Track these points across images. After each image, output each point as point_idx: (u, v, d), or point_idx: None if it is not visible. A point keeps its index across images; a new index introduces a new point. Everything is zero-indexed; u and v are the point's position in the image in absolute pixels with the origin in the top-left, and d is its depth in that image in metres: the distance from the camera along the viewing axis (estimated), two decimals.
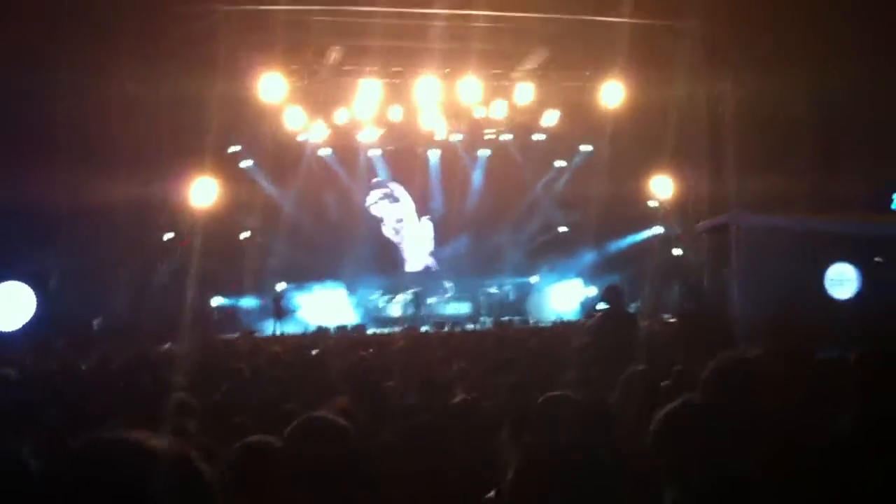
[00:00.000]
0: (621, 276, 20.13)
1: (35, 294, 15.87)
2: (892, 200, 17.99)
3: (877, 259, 12.98)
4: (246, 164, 23.82)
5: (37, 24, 15.67)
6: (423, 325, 21.62)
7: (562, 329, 14.62)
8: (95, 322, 17.80)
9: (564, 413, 3.74)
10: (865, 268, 12.32)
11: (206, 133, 19.53)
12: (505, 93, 23.33)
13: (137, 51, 18.31)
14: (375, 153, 26.14)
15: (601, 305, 9.27)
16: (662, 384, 5.05)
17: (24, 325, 15.57)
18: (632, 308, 16.38)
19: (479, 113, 24.14)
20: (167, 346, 13.80)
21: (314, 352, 9.81)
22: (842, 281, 12.53)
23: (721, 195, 19.90)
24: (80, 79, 16.47)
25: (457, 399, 4.66)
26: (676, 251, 23.17)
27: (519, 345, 10.22)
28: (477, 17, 18.87)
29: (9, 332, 15.47)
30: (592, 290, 22.83)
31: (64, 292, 17.09)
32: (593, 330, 8.45)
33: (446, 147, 26.24)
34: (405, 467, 4.06)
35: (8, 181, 15.00)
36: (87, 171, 16.54)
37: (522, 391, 5.55)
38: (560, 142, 25.96)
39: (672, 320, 16.39)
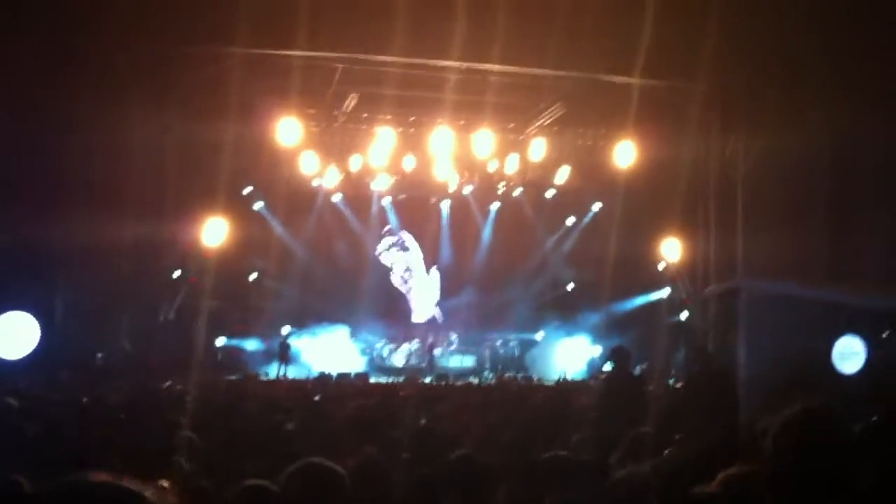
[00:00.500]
0: (628, 336, 20.04)
1: (39, 324, 15.87)
2: None
3: (885, 333, 12.89)
4: (258, 206, 23.93)
5: (48, 65, 15.90)
6: (427, 376, 21.53)
7: (566, 388, 14.52)
8: (99, 356, 17.76)
9: (567, 473, 3.70)
10: (874, 341, 12.23)
11: (219, 174, 19.67)
12: (518, 147, 23.50)
13: (151, 92, 18.53)
14: (387, 201, 26.24)
15: (607, 366, 9.21)
16: (667, 451, 5.00)
17: (27, 355, 15.55)
18: (637, 370, 16.28)
19: (492, 166, 24.26)
20: (169, 383, 13.76)
21: (316, 398, 9.76)
22: (850, 354, 12.43)
23: (730, 259, 19.86)
24: (92, 120, 16.66)
25: (457, 454, 4.61)
26: (684, 314, 23.08)
27: (522, 402, 10.15)
28: (493, 72, 19.05)
29: (12, 361, 15.45)
30: (598, 350, 22.72)
31: (68, 325, 17.10)
32: (599, 391, 8.40)
33: (458, 198, 26.32)
34: None
35: (17, 218, 15.13)
36: (96, 209, 16.64)
37: (523, 450, 5.51)
38: (571, 198, 26.03)
39: (678, 385, 16.27)
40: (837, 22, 15.57)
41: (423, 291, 27.28)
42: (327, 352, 23.01)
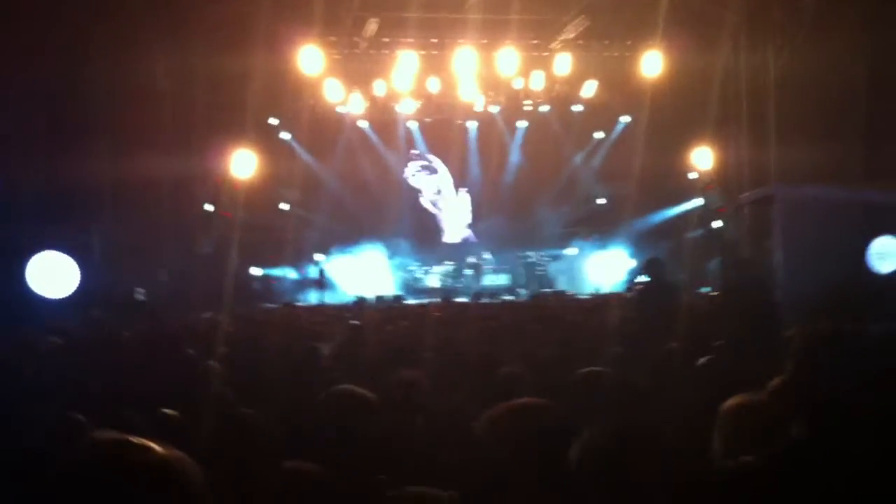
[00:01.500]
0: (661, 248, 19.91)
1: (79, 265, 16.10)
2: None
3: None
4: (285, 136, 23.91)
5: (71, 6, 15.80)
6: (461, 296, 21.65)
7: (602, 301, 14.52)
8: (137, 291, 18.01)
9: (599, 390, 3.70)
10: None
11: (245, 106, 19.66)
12: (543, 63, 23.17)
13: (173, 27, 18.42)
14: (413, 125, 26.11)
15: (642, 278, 9.17)
16: (700, 361, 4.99)
17: (69, 295, 15.82)
18: (672, 280, 16.23)
19: (517, 84, 23.99)
20: (208, 315, 13.93)
21: (353, 322, 9.83)
22: (886, 254, 12.27)
23: (763, 166, 19.55)
24: (118, 58, 16.64)
25: (505, 371, 4.64)
26: (717, 223, 22.88)
27: (558, 319, 10.16)
28: None
29: (54, 300, 15.73)
30: (632, 262, 22.63)
31: (107, 264, 17.31)
32: (635, 303, 8.39)
33: (484, 118, 26.13)
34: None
35: (50, 160, 15.24)
36: (128, 147, 16.77)
37: (562, 366, 5.52)
38: (599, 113, 25.73)
39: (713, 293, 16.20)
40: None
41: (453, 213, 27.31)
42: (363, 276, 23.15)
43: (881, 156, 16.92)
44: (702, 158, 22.88)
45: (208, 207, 21.59)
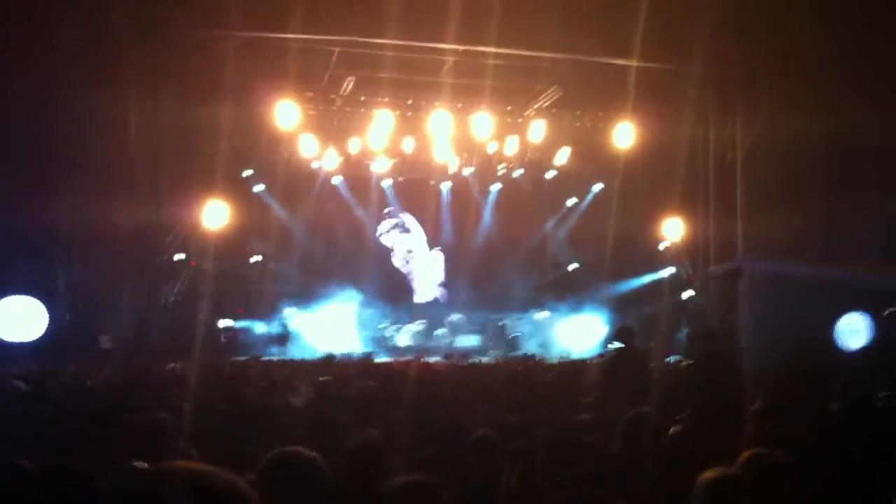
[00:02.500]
0: (630, 316, 20.03)
1: (46, 309, 15.94)
2: None
3: (889, 310, 12.89)
4: (258, 188, 23.91)
5: (45, 50, 15.84)
6: (432, 355, 21.53)
7: (570, 367, 14.53)
8: (102, 338, 17.79)
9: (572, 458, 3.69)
10: (877, 318, 12.23)
11: (218, 157, 19.64)
12: (518, 129, 23.45)
13: (148, 76, 18.46)
14: (387, 183, 26.18)
15: (613, 344, 9.21)
16: (672, 430, 5.00)
17: (34, 340, 15.63)
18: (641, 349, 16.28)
19: (491, 148, 24.22)
20: (172, 365, 13.76)
21: (322, 378, 9.76)
22: (853, 331, 12.44)
23: (732, 238, 19.86)
24: (90, 104, 16.62)
25: (476, 435, 4.62)
26: (686, 294, 23.09)
27: (528, 381, 10.15)
28: (489, 54, 18.99)
29: (17, 344, 15.51)
30: (601, 329, 22.70)
31: (71, 308, 17.12)
32: (605, 369, 8.41)
33: (458, 180, 26.28)
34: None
35: (17, 201, 15.14)
36: (95, 193, 16.71)
37: (529, 429, 5.51)
38: (572, 179, 26.02)
39: (682, 363, 16.28)
40: (834, 10, 15.56)
41: (425, 272, 27.30)
42: (331, 332, 22.99)
43: (841, 235, 17.30)
44: (672, 229, 23.17)
45: (177, 256, 21.42)
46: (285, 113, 20.86)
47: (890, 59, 15.84)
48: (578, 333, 23.41)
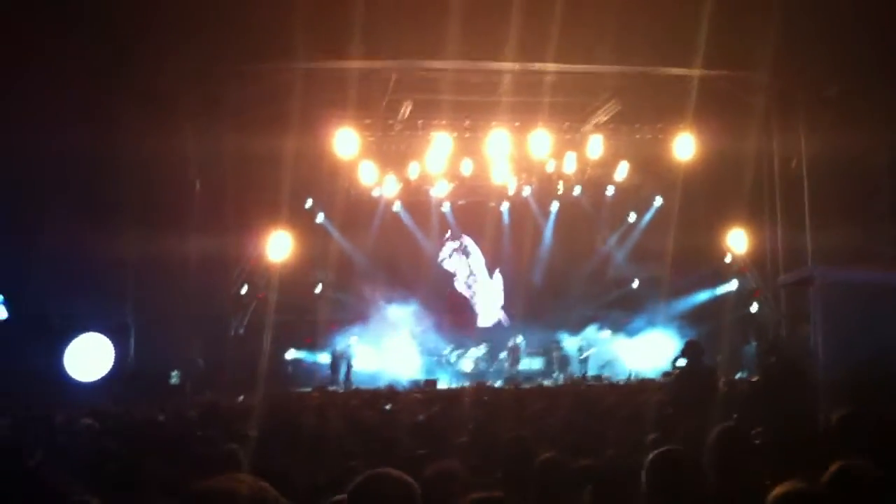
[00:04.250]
0: (697, 331, 19.69)
1: (114, 346, 16.23)
2: None
3: None
4: (320, 218, 24.15)
5: (109, 86, 16.23)
6: (495, 379, 21.44)
7: (637, 387, 14.32)
8: (173, 374, 18.07)
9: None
10: None
11: (280, 188, 19.91)
12: (575, 146, 23.28)
13: (208, 107, 18.81)
14: (447, 207, 26.24)
15: (681, 362, 9.03)
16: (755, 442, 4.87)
17: (104, 376, 15.91)
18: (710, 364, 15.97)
19: (550, 166, 24.10)
20: (242, 398, 13.91)
21: (387, 407, 9.75)
22: None
23: (799, 248, 19.41)
24: (151, 137, 16.94)
25: (542, 458, 4.54)
26: (753, 307, 22.64)
27: (594, 402, 10.01)
28: (546, 71, 18.94)
29: (90, 383, 15.81)
30: (667, 346, 22.36)
31: (141, 344, 17.42)
32: (673, 387, 8.25)
33: (517, 201, 26.21)
34: None
35: (85, 239, 15.46)
36: (161, 228, 17.02)
37: (598, 451, 5.42)
38: (632, 195, 25.80)
39: (751, 378, 15.93)
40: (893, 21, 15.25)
41: (487, 295, 27.25)
42: (396, 359, 23.06)
43: None
44: (736, 241, 22.76)
45: (244, 289, 21.71)
46: (345, 141, 21.03)
47: None
48: (644, 352, 23.07)
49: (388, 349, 23.36)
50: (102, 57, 15.83)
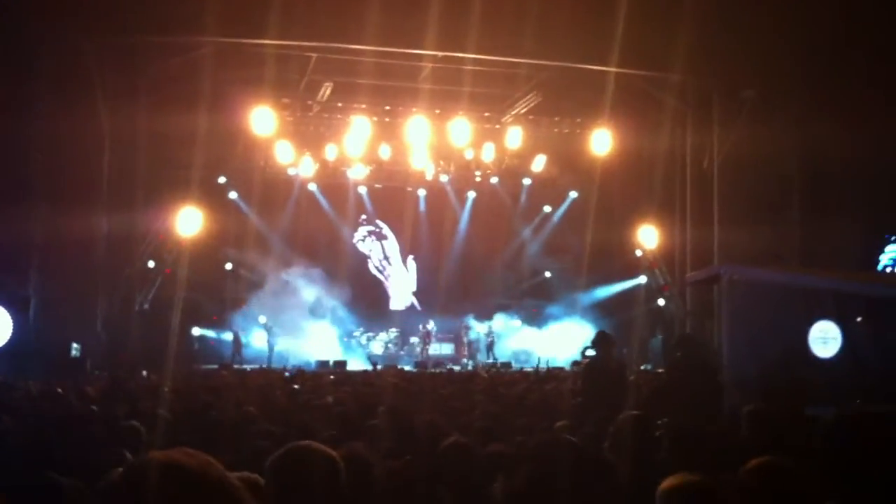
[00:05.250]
0: (607, 323, 20.07)
1: (14, 317, 15.70)
2: (882, 253, 18.14)
3: (859, 318, 12.96)
4: (233, 195, 23.75)
5: (10, 54, 15.66)
6: (405, 363, 21.49)
7: (546, 375, 14.51)
8: (75, 346, 17.56)
9: (563, 457, 3.62)
10: (849, 326, 12.29)
11: (193, 164, 19.50)
12: (494, 136, 23.42)
13: (120, 81, 18.29)
14: (363, 190, 26.12)
15: (590, 352, 9.18)
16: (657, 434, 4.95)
17: (1, 347, 15.40)
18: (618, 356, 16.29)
19: (468, 154, 24.18)
20: (144, 374, 13.62)
21: (296, 387, 9.66)
22: (826, 339, 12.49)
23: (708, 246, 19.93)
24: (58, 110, 16.41)
25: (449, 441, 4.53)
26: (660, 301, 23.18)
27: (502, 389, 10.11)
28: (467, 60, 18.94)
29: None
30: (580, 337, 22.72)
31: (42, 316, 16.90)
32: (582, 376, 8.37)
33: (434, 187, 26.23)
34: None
35: None
36: (68, 201, 16.50)
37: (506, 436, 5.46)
38: (548, 187, 26.07)
39: (657, 370, 16.31)
40: (810, 27, 15.75)
41: (400, 280, 27.24)
42: (305, 340, 22.90)
43: (815, 243, 17.50)
44: (647, 237, 23.24)
45: (151, 264, 21.21)
46: (261, 119, 20.72)
47: (858, 80, 16.10)
48: (555, 341, 23.41)
49: (298, 329, 23.16)
50: (10, 31, 15.26)
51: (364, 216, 26.82)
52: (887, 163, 16.25)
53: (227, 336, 22.90)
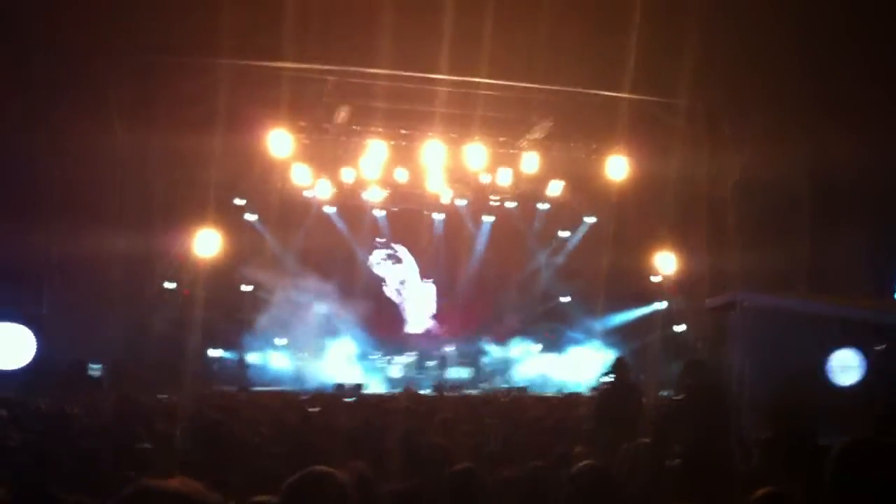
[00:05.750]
0: (624, 349, 19.98)
1: (34, 336, 15.85)
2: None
3: (878, 347, 12.85)
4: (250, 217, 23.86)
5: (27, 71, 15.83)
6: (423, 387, 21.45)
7: (564, 400, 14.46)
8: (92, 367, 17.65)
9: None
10: (869, 354, 12.18)
11: (210, 185, 19.61)
12: (511, 161, 23.48)
13: (139, 101, 18.42)
14: (380, 213, 26.19)
15: (607, 378, 9.15)
16: (667, 463, 4.93)
17: (21, 367, 15.51)
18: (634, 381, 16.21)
19: (484, 179, 24.24)
20: (164, 396, 13.64)
21: (312, 409, 9.66)
22: (845, 367, 12.38)
23: (723, 272, 19.84)
24: (78, 128, 16.54)
25: (458, 468, 4.52)
26: (679, 327, 23.06)
27: (520, 414, 10.07)
28: (483, 85, 19.00)
29: (6, 372, 15.40)
30: (593, 362, 22.62)
31: (59, 336, 16.99)
32: (597, 402, 8.35)
33: (451, 211, 26.30)
34: None
35: (5, 231, 15.05)
36: (85, 221, 16.63)
37: (521, 462, 5.43)
38: (564, 212, 26.10)
39: (675, 396, 16.16)
40: (818, 46, 15.74)
41: (417, 303, 27.24)
42: (322, 364, 22.89)
43: (829, 267, 17.40)
44: (664, 262, 23.16)
45: (168, 285, 21.31)
46: (278, 141, 20.83)
47: (864, 101, 16.07)
48: (571, 366, 23.31)
49: (315, 352, 23.17)
50: (28, 47, 15.44)
51: (380, 239, 26.88)
52: None
53: (250, 358, 22.93)
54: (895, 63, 15.27)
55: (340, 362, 23.31)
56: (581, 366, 22.86)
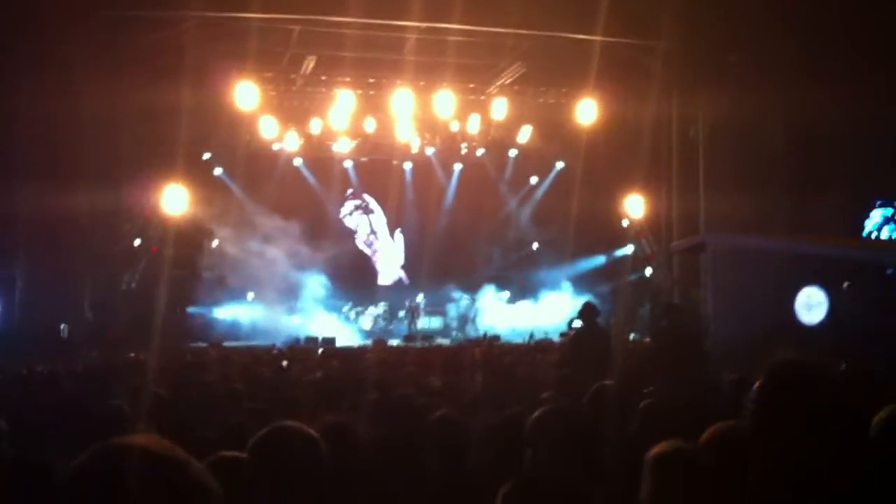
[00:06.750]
0: (594, 293, 20.11)
1: (1, 299, 15.68)
2: (867, 219, 18.21)
3: (845, 284, 13.03)
4: (218, 171, 23.63)
5: None
6: (394, 338, 21.53)
7: (534, 346, 14.59)
8: (62, 327, 17.52)
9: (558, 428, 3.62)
10: (835, 292, 12.35)
11: (176, 140, 19.33)
12: (480, 107, 23.32)
13: (101, 57, 18.06)
14: (349, 164, 26.03)
15: (576, 323, 9.21)
16: (642, 404, 4.97)
17: None
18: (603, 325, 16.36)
19: (453, 127, 24.10)
20: (133, 355, 13.59)
21: (284, 363, 9.67)
22: (811, 305, 12.56)
23: (693, 215, 19.96)
24: (41, 86, 16.23)
25: (437, 414, 4.54)
26: (648, 271, 23.24)
27: (491, 361, 10.14)
28: (451, 31, 18.76)
29: None
30: (564, 307, 22.77)
31: (29, 296, 16.84)
32: (567, 346, 8.42)
33: (420, 160, 26.17)
34: (380, 485, 3.93)
35: None
36: (51, 180, 16.34)
37: (496, 408, 5.47)
38: (534, 158, 26.03)
39: (645, 339, 16.37)
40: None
41: (388, 254, 27.24)
42: (294, 317, 22.89)
43: (802, 210, 17.53)
44: (634, 206, 23.24)
45: (136, 242, 21.11)
46: (245, 94, 20.50)
47: (844, 44, 16.08)
48: (542, 312, 23.46)
49: (285, 305, 23.15)
50: None
51: (350, 190, 26.75)
52: (873, 128, 16.27)
53: (217, 314, 22.87)
54: (870, 18, 15.26)
55: (312, 315, 23.32)
56: (552, 312, 23.00)
